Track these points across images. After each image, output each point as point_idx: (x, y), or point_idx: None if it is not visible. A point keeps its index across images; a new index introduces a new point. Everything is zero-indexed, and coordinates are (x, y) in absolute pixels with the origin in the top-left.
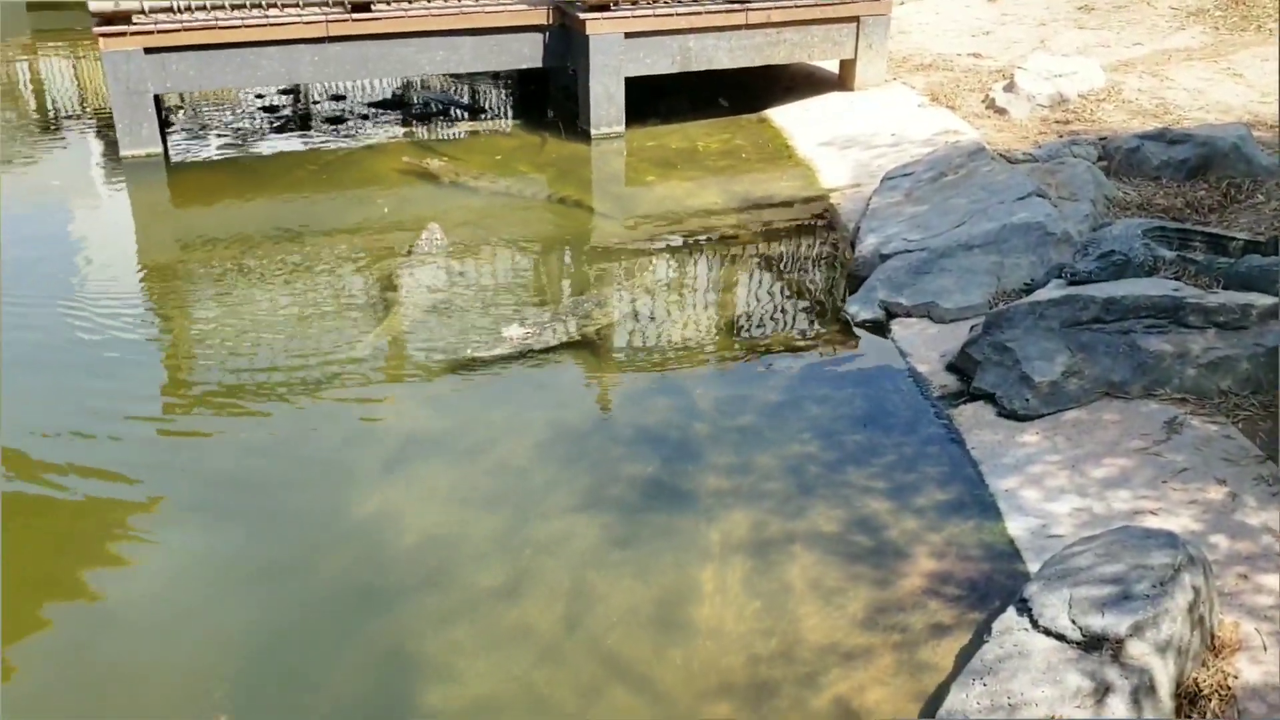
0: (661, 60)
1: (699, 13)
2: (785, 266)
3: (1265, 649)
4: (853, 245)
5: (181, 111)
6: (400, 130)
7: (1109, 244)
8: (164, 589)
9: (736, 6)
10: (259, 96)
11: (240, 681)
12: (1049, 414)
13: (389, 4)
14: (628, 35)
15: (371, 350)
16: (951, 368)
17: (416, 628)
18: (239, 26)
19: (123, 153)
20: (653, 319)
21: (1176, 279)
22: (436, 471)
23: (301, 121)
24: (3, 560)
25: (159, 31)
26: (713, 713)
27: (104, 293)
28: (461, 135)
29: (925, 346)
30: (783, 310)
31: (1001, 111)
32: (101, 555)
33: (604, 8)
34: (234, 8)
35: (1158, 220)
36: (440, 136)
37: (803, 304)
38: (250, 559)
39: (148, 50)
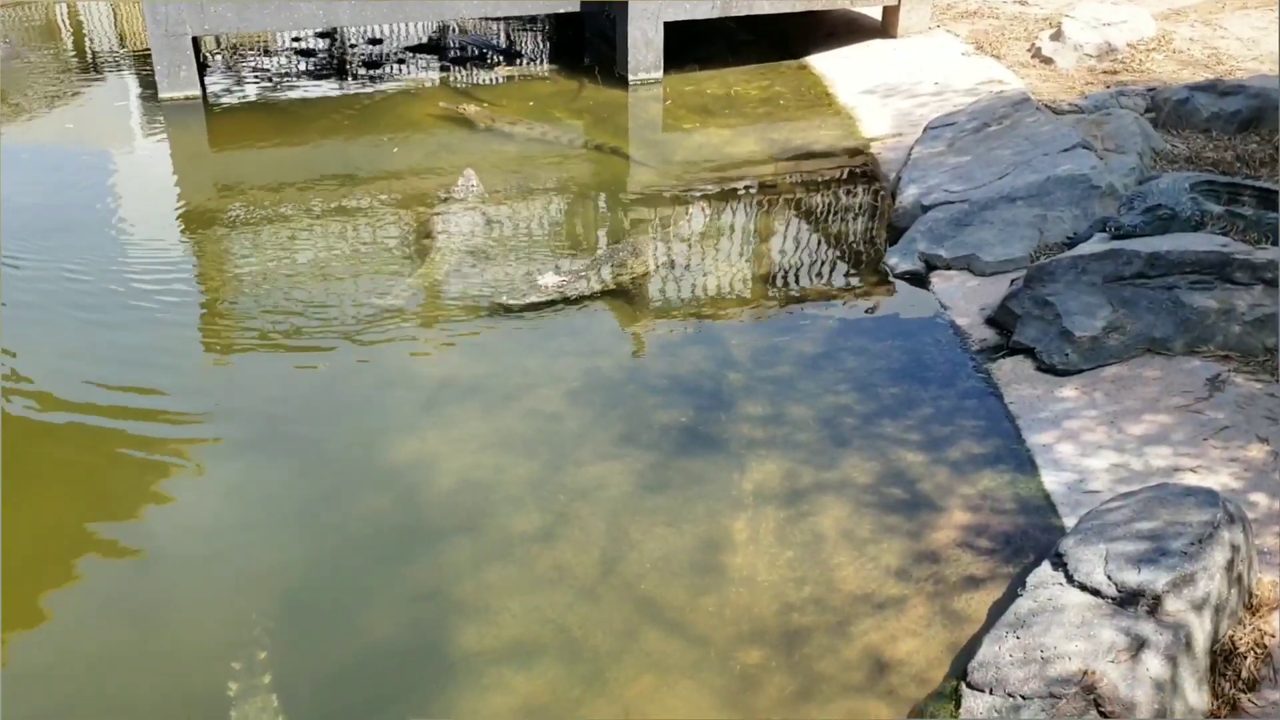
0: (701, 5)
1: None
2: (824, 217)
3: None
4: (893, 196)
5: (218, 54)
6: (436, 75)
7: (1155, 198)
8: (204, 527)
9: None
10: (295, 40)
11: (278, 617)
12: (1089, 369)
13: None
14: None
15: (408, 295)
16: (991, 321)
17: (452, 569)
18: None
19: (161, 95)
20: (688, 268)
21: (1224, 234)
22: (472, 416)
23: (338, 65)
24: (45, 499)
25: None
26: (746, 658)
27: (143, 235)
28: (497, 80)
29: (965, 299)
30: (820, 261)
31: (1048, 61)
32: (142, 495)
33: None
34: None
35: (1206, 174)
36: (476, 81)
37: (841, 255)
38: (288, 500)
39: None
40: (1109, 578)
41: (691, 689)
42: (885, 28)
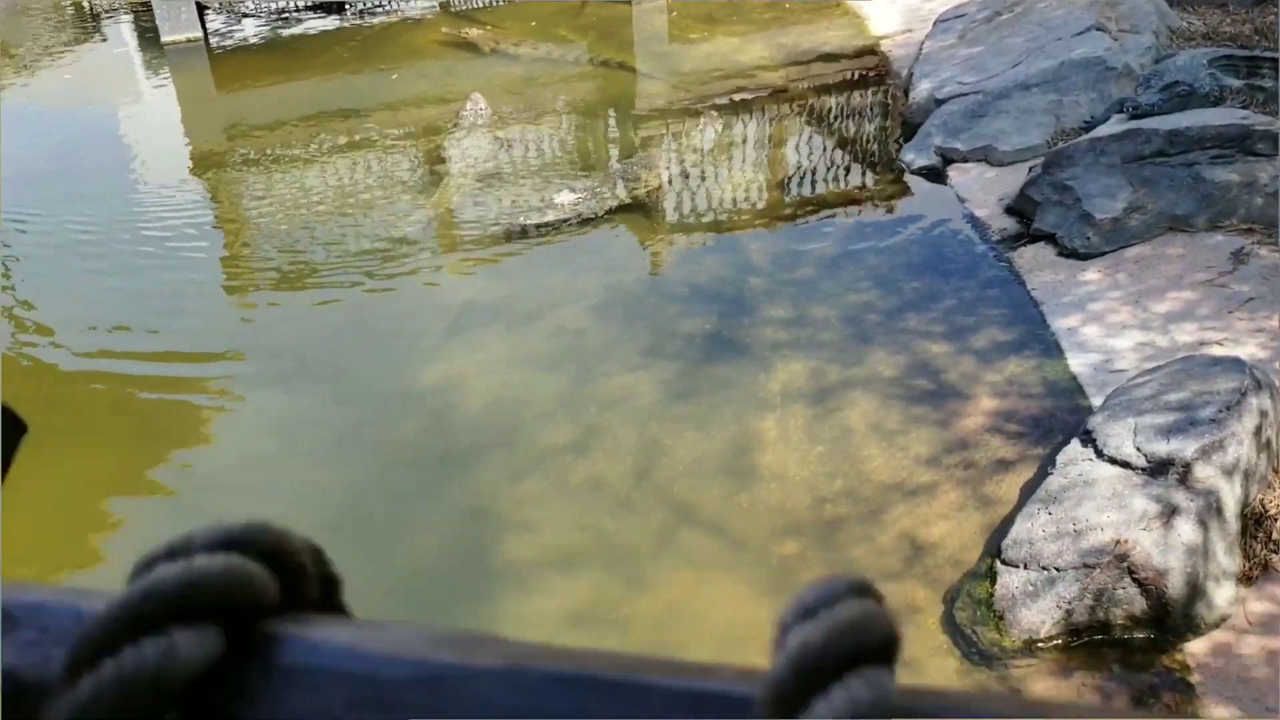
0: None
1: None
2: (837, 118)
3: None
4: (906, 92)
5: None
6: (436, 1)
7: (1172, 75)
8: (245, 462)
9: None
10: None
11: (326, 538)
12: (1111, 251)
13: None
14: None
15: (425, 223)
16: (1011, 210)
17: (491, 485)
18: None
19: (164, 39)
20: (703, 178)
21: (1244, 108)
22: (497, 338)
23: None
24: (88, 441)
25: None
26: (782, 550)
27: (155, 181)
28: (499, 2)
29: (983, 191)
30: (836, 162)
31: None
32: (186, 428)
33: None
34: None
35: (1224, 49)
36: (477, 4)
37: (856, 155)
38: (326, 428)
39: None
40: (1139, 449)
41: (730, 582)
42: None
